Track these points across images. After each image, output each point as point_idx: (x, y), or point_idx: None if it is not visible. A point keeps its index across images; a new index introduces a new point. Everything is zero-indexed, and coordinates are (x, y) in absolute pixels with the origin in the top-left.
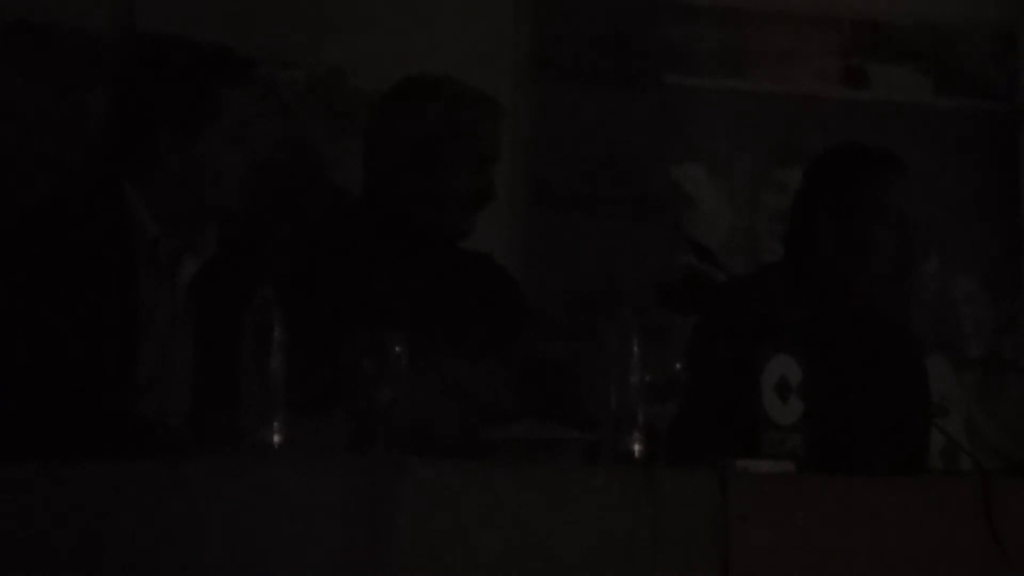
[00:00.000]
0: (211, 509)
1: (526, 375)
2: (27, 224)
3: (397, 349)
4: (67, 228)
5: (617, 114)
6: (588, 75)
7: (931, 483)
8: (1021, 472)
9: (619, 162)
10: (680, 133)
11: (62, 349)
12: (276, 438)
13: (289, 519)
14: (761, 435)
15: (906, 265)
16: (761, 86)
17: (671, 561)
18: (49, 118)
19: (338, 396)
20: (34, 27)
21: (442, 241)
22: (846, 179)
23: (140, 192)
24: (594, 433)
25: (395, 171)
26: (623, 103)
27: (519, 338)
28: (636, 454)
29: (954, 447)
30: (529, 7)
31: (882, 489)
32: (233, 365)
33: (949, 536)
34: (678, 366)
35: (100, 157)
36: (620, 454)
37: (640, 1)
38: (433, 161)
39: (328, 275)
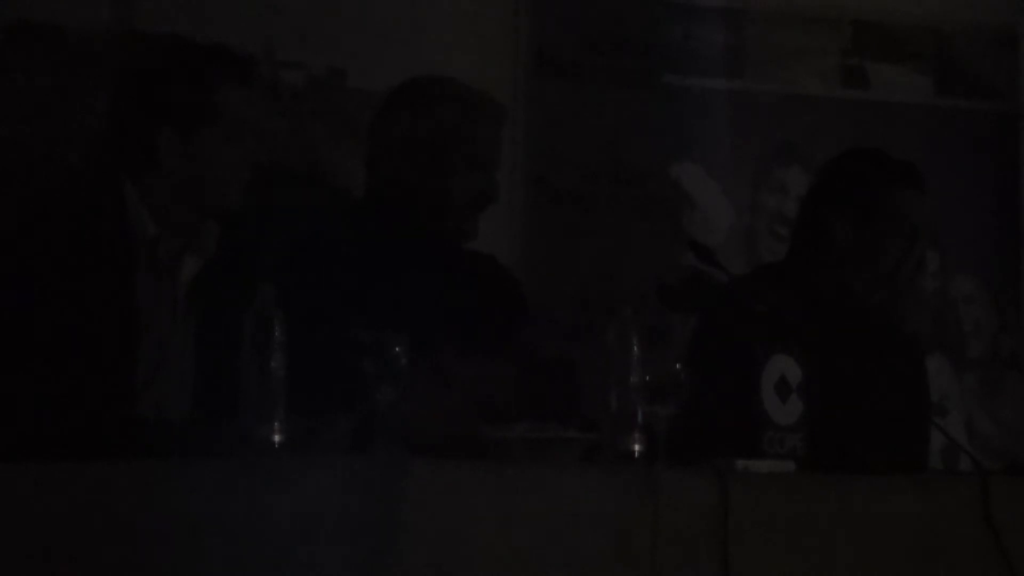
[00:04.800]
0: (211, 509)
1: (526, 375)
2: (26, 223)
3: (397, 349)
4: (66, 227)
5: (617, 114)
6: (588, 75)
7: (931, 483)
8: (1021, 472)
9: (619, 162)
10: (680, 133)
11: (61, 348)
12: (276, 438)
13: (289, 519)
14: (761, 435)
15: (911, 272)
16: (761, 86)
17: (671, 561)
18: (49, 118)
19: (339, 396)
20: (34, 27)
21: (444, 242)
22: (865, 185)
23: (139, 191)
24: (594, 433)
25: (397, 172)
26: (623, 103)
27: (520, 338)
28: (636, 454)
29: (954, 447)
30: (529, 7)
31: (882, 489)
32: (234, 365)
33: (949, 536)
34: (678, 366)
35: (100, 156)
36: (620, 454)
37: (640, 1)
38: (436, 162)
39: (329, 275)
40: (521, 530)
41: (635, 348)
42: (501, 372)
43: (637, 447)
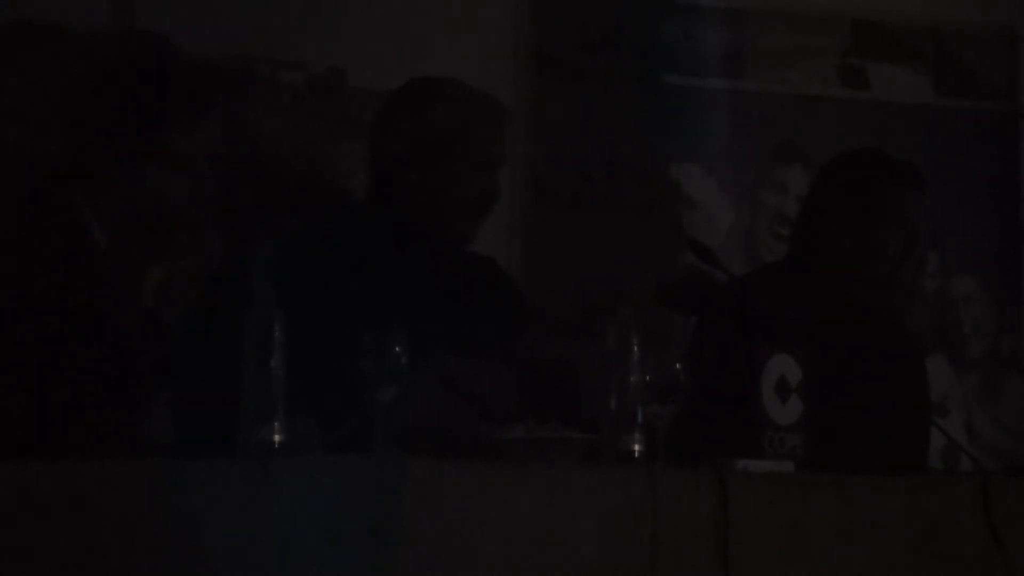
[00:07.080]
0: (211, 509)
1: (526, 375)
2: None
3: (397, 349)
4: (22, 227)
5: (617, 114)
6: (588, 75)
7: (931, 483)
8: (1021, 472)
9: (619, 162)
10: (680, 133)
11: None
12: (276, 438)
13: (289, 519)
14: (761, 435)
15: (911, 272)
16: (761, 86)
17: (671, 561)
18: (49, 118)
19: (339, 396)
20: (34, 27)
21: (444, 244)
22: (865, 185)
23: (87, 202)
24: (594, 433)
25: (399, 173)
26: (623, 103)
27: (520, 338)
28: (636, 454)
29: (954, 447)
30: (529, 7)
31: (882, 489)
32: (234, 366)
33: (949, 536)
34: (678, 366)
35: (60, 163)
36: (620, 454)
37: (640, 1)
38: (437, 163)
39: (329, 275)
40: (521, 530)
41: (635, 348)
42: (501, 373)
43: (637, 447)
